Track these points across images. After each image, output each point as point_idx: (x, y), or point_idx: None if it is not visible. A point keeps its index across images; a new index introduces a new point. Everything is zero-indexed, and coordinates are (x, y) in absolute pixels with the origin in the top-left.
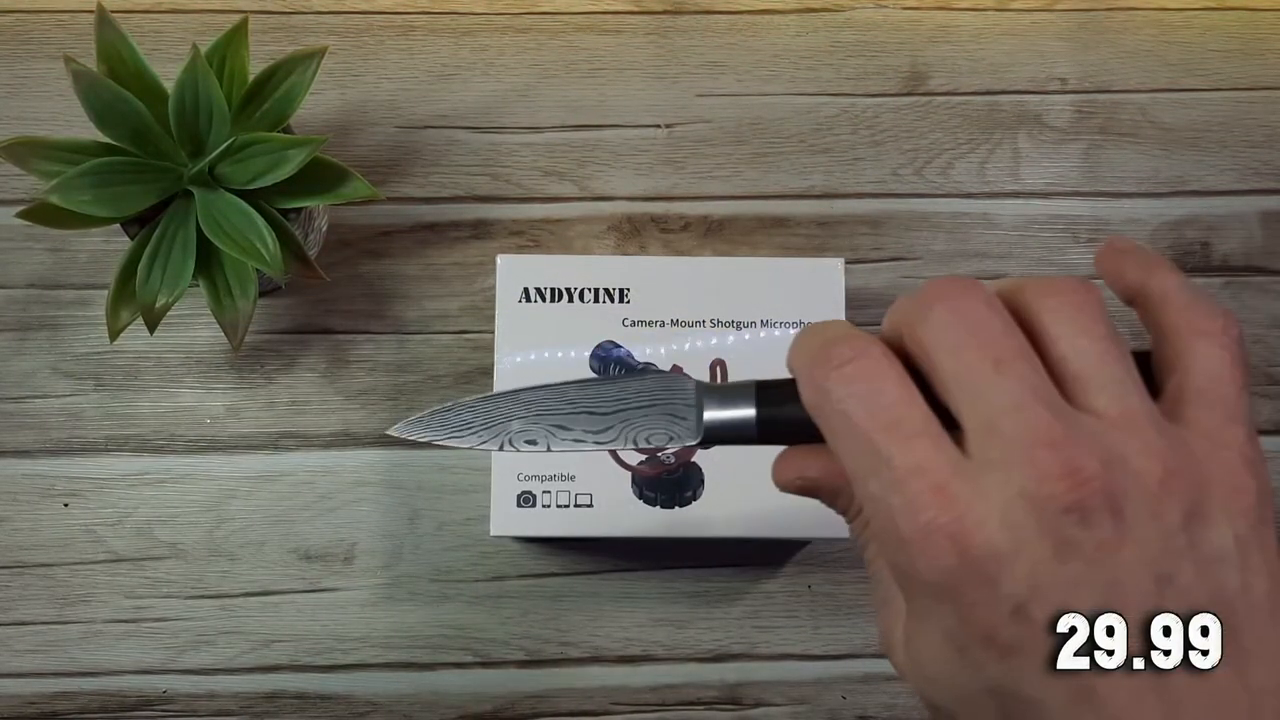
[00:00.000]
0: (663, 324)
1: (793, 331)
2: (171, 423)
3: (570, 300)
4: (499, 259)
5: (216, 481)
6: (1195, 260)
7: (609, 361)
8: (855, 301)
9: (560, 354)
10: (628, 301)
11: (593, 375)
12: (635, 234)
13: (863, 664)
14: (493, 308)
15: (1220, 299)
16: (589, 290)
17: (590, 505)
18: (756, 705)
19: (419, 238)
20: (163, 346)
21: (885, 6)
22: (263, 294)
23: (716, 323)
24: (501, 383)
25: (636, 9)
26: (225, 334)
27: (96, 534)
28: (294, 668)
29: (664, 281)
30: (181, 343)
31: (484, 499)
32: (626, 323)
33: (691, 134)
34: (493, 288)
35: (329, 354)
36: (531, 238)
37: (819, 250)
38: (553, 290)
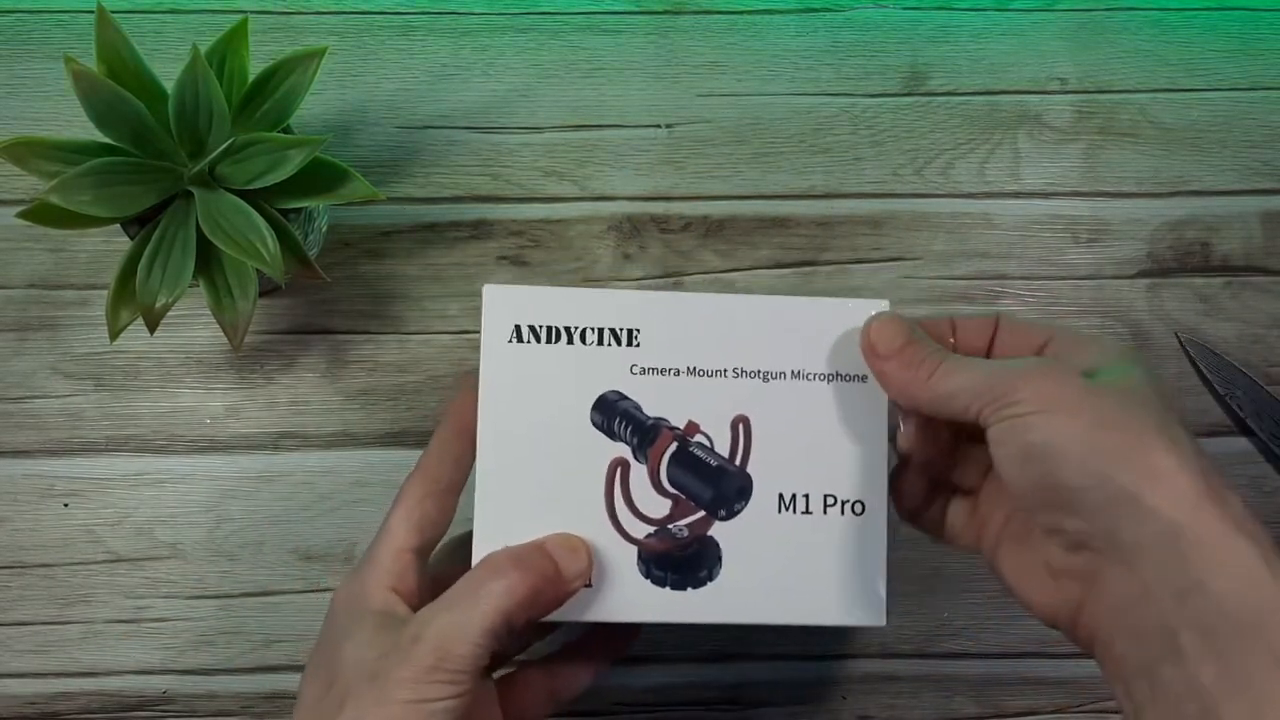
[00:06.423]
0: (677, 372)
1: (828, 385)
2: (171, 423)
3: (570, 341)
4: (486, 289)
5: (216, 481)
6: (1195, 260)
7: (614, 416)
8: None
9: (557, 405)
10: (637, 344)
11: (594, 429)
12: (635, 234)
13: (863, 664)
14: None
15: (1220, 299)
16: (591, 330)
17: (588, 584)
18: (756, 705)
19: (419, 238)
20: (163, 347)
21: (885, 6)
22: (263, 294)
23: (740, 372)
24: (487, 438)
25: (636, 9)
26: (225, 334)
27: (96, 534)
28: (294, 668)
29: (680, 322)
30: (181, 343)
31: None
32: (635, 370)
33: (691, 134)
34: None
35: (329, 354)
36: (531, 238)
37: (819, 251)
38: (549, 329)
